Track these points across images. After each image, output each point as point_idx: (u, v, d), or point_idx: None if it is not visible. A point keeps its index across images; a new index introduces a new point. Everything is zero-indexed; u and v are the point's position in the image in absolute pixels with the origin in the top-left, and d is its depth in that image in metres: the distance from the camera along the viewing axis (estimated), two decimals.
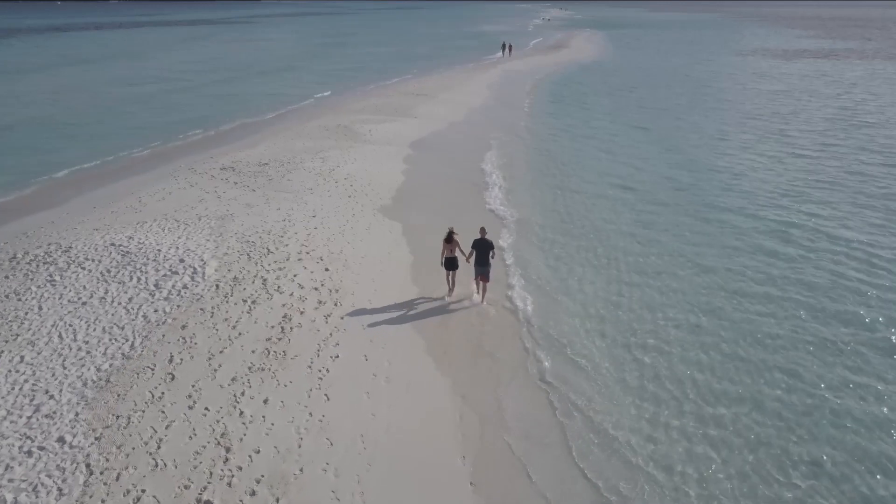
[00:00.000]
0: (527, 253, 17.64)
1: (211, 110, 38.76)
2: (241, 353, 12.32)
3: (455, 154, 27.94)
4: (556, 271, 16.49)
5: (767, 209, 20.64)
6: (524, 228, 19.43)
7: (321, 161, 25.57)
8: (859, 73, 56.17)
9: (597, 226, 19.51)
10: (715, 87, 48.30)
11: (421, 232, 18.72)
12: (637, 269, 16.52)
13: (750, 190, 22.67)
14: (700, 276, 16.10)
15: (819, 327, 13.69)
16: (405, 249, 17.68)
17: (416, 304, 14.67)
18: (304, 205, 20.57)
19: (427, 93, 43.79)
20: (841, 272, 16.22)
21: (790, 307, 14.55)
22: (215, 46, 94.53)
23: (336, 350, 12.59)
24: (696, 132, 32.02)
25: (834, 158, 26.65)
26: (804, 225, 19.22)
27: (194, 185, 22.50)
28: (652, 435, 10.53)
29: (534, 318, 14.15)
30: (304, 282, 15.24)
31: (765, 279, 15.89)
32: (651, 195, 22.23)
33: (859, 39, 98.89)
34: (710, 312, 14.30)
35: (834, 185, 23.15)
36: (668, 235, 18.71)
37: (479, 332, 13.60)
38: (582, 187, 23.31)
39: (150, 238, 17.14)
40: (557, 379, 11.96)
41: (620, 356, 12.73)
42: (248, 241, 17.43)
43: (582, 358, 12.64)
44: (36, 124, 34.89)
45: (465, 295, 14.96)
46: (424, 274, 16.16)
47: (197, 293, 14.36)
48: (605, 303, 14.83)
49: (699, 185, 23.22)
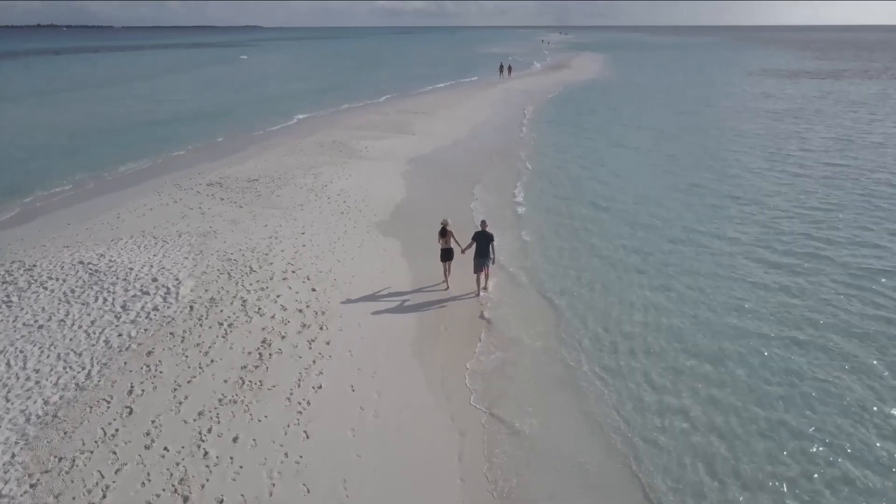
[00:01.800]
0: (529, 267, 16.28)
1: (202, 128, 37.59)
2: (212, 382, 10.92)
3: (453, 171, 26.64)
4: (558, 284, 15.12)
5: (778, 233, 19.29)
6: (526, 246, 18.09)
7: (314, 177, 24.35)
8: (865, 91, 55.27)
9: (594, 243, 17.99)
10: (717, 106, 47.13)
11: (417, 249, 17.41)
12: (637, 283, 15.17)
13: (756, 212, 21.35)
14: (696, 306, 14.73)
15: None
16: (400, 268, 16.34)
17: (410, 328, 13.29)
18: (293, 221, 19.29)
19: (426, 111, 42.79)
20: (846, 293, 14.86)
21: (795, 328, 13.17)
22: (213, 68, 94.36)
23: (319, 380, 11.19)
24: (696, 151, 30.54)
25: (842, 178, 25.17)
26: (808, 245, 17.89)
27: (178, 201, 21.24)
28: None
29: (539, 339, 12.78)
30: (288, 303, 13.88)
31: (776, 308, 14.52)
32: (649, 217, 20.43)
33: (862, 60, 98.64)
34: (705, 340, 12.92)
35: (841, 206, 21.83)
36: (664, 257, 17.31)
37: (481, 357, 12.21)
38: (582, 206, 21.86)
39: (124, 256, 15.82)
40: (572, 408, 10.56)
41: (634, 367, 11.33)
42: (229, 259, 16.10)
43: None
44: (21, 143, 33.67)
45: (468, 286, 15.07)
46: (420, 294, 14.82)
47: (168, 315, 12.98)
48: (616, 319, 13.45)
49: (698, 205, 21.56)
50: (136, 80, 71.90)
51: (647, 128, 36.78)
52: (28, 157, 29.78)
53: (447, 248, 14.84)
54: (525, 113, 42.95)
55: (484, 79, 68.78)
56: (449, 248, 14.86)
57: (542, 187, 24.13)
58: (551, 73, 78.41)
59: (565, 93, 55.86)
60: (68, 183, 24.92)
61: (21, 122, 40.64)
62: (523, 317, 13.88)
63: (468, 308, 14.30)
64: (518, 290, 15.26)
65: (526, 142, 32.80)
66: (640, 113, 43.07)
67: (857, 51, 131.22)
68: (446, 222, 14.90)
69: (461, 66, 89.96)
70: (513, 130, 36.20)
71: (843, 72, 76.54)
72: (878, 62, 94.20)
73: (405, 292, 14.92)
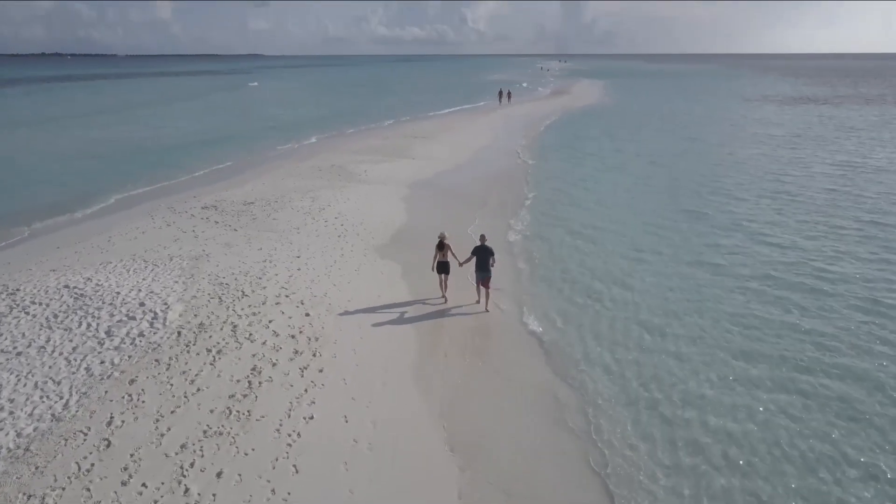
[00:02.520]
0: (532, 293, 15.72)
1: (204, 153, 37.26)
2: (197, 413, 10.30)
3: (452, 196, 26.17)
4: (553, 313, 14.55)
5: (781, 261, 18.78)
6: (528, 270, 17.55)
7: (311, 200, 23.93)
8: (865, 116, 55.24)
9: (591, 272, 17.27)
10: (716, 132, 46.82)
11: (415, 273, 16.89)
12: (632, 303, 14.59)
13: (760, 244, 20.86)
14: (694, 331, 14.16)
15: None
16: (398, 291, 15.78)
17: (409, 353, 12.69)
18: (288, 245, 18.79)
19: (426, 135, 42.64)
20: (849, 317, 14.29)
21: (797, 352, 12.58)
22: (224, 94, 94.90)
23: (311, 409, 10.56)
24: (695, 177, 29.88)
25: (845, 204, 24.65)
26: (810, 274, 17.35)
27: (171, 225, 20.77)
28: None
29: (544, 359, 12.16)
30: (280, 328, 13.31)
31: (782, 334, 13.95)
32: (649, 245, 19.71)
33: (860, 87, 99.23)
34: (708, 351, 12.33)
35: (842, 230, 21.34)
36: (660, 280, 16.76)
37: (483, 378, 11.59)
38: (583, 230, 21.30)
39: (111, 280, 15.28)
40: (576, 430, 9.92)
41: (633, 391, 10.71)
42: (221, 283, 15.57)
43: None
44: (16, 168, 33.32)
45: (466, 302, 15.11)
46: (418, 316, 14.25)
47: (154, 342, 12.40)
48: (615, 341, 12.85)
49: (698, 233, 20.78)
50: (146, 107, 71.51)
51: (646, 154, 36.31)
52: (21, 183, 29.36)
53: (444, 261, 14.95)
54: (525, 138, 42.75)
55: (484, 105, 68.99)
56: (446, 262, 14.96)
57: (540, 213, 23.45)
58: (551, 98, 78.74)
59: (565, 118, 55.82)
60: (60, 207, 24.38)
61: (20, 148, 40.38)
62: (516, 348, 13.24)
63: (467, 326, 13.83)
64: (511, 318, 14.67)
65: (525, 167, 32.37)
66: (639, 139, 42.74)
67: (853, 77, 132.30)
68: (444, 235, 15.06)
69: (461, 93, 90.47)
70: (512, 156, 35.85)
71: (841, 98, 76.82)
72: (875, 88, 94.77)
73: (403, 317, 14.34)
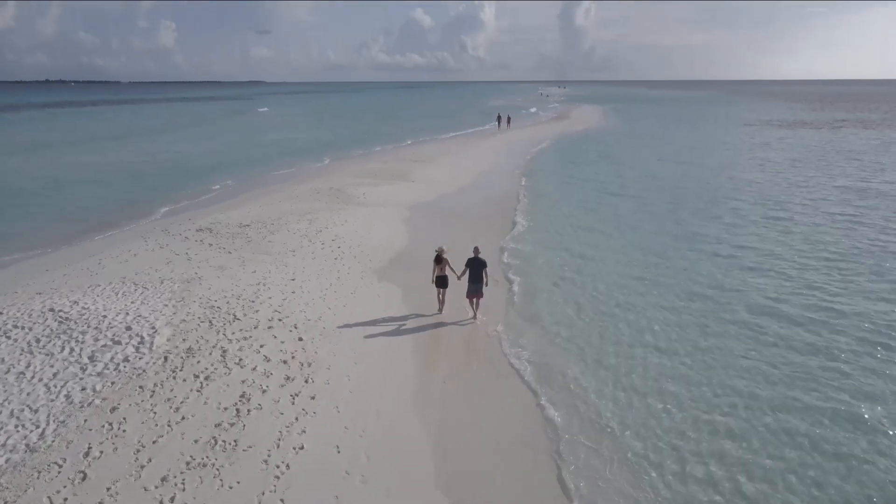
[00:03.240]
0: (527, 316, 15.22)
1: (197, 177, 36.99)
2: (180, 443, 9.73)
3: (451, 219, 25.68)
4: (548, 340, 14.03)
5: (784, 287, 18.28)
6: (522, 291, 17.06)
7: (308, 222, 23.52)
8: (866, 140, 55.16)
9: (589, 296, 16.74)
10: (717, 156, 46.55)
11: (413, 295, 16.42)
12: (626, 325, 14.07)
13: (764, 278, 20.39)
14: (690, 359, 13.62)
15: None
16: (394, 314, 15.26)
17: (405, 379, 12.15)
18: (283, 267, 18.33)
19: (425, 159, 42.45)
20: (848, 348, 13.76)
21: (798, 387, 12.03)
22: (217, 120, 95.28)
23: (301, 439, 9.99)
24: (696, 201, 29.33)
25: (849, 228, 24.14)
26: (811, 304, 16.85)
27: (164, 247, 20.32)
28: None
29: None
30: (272, 353, 12.77)
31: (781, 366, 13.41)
32: (645, 268, 19.29)
33: (859, 111, 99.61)
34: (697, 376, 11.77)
35: (851, 258, 20.87)
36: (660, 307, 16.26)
37: (482, 408, 11.03)
38: (580, 253, 20.80)
39: (98, 303, 14.78)
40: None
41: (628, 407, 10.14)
42: (212, 306, 15.06)
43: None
44: (12, 192, 33.01)
45: (463, 317, 15.11)
46: (415, 338, 13.73)
47: (139, 367, 11.86)
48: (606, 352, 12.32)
49: (698, 259, 20.11)
50: (157, 133, 70.90)
51: (645, 177, 35.86)
52: (13, 206, 28.99)
53: (442, 275, 15.01)
54: (525, 162, 42.56)
55: (483, 129, 69.07)
56: (444, 276, 15.02)
57: (539, 236, 22.99)
58: (551, 123, 78.92)
59: (564, 142, 55.76)
60: (52, 230, 23.96)
61: (16, 171, 40.17)
62: (514, 377, 12.71)
63: (465, 348, 13.39)
64: (510, 343, 14.15)
65: (524, 191, 31.96)
66: (639, 163, 42.38)
67: (852, 102, 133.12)
68: (442, 249, 15.09)
69: (462, 118, 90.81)
70: (512, 179, 35.46)
71: (841, 122, 76.98)
72: (874, 113, 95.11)
73: (399, 341, 13.82)
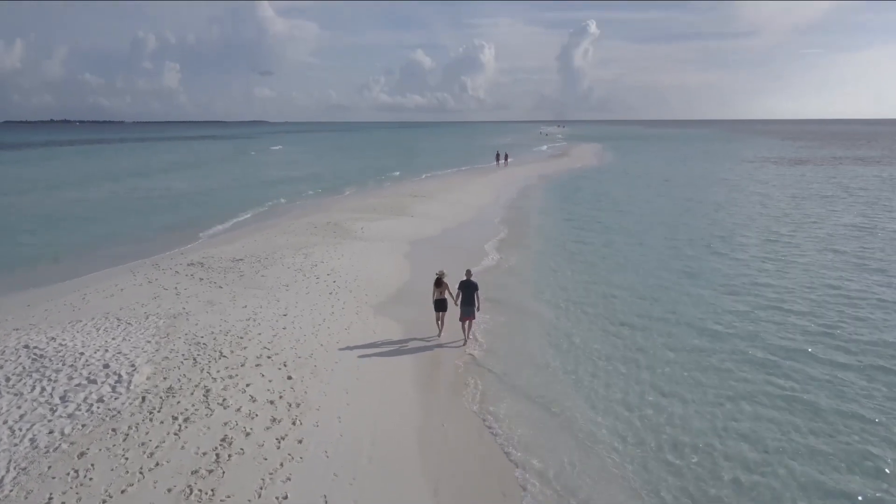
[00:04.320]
0: (528, 351, 14.41)
1: (196, 212, 36.53)
2: (151, 492, 8.84)
3: (450, 255, 24.90)
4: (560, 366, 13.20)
5: (791, 328, 17.47)
6: (535, 323, 16.28)
7: (303, 257, 22.86)
8: (868, 177, 54.85)
9: (586, 324, 16.25)
10: (719, 193, 45.78)
11: (409, 329, 15.66)
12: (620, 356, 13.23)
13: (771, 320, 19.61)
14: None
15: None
16: (389, 350, 14.46)
17: (399, 422, 11.29)
18: (275, 302, 17.58)
19: (425, 194, 42.04)
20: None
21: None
22: (219, 158, 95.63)
23: (285, 488, 9.11)
24: (698, 239, 28.31)
25: (860, 267, 23.37)
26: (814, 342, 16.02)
27: (152, 282, 19.61)
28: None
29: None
30: (258, 393, 11.93)
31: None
32: (643, 306, 18.52)
33: (856, 149, 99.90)
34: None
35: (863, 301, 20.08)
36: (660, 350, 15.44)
37: (486, 454, 10.15)
38: (579, 288, 20.09)
39: (77, 339, 13.99)
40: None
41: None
42: (198, 342, 14.27)
43: None
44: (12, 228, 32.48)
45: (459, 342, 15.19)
46: (412, 380, 12.89)
47: (114, 408, 11.02)
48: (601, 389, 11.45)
49: (703, 301, 18.99)
50: (168, 171, 69.35)
51: (646, 215, 34.83)
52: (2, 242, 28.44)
53: (441, 298, 15.26)
54: (524, 199, 42.07)
55: (482, 166, 68.94)
56: (443, 299, 15.27)
57: (538, 270, 22.33)
58: (551, 161, 79.00)
59: (564, 178, 55.49)
60: (37, 265, 23.28)
61: (11, 209, 39.74)
62: (523, 415, 11.90)
63: (464, 381, 12.41)
64: (513, 378, 13.35)
65: (524, 228, 31.28)
66: (640, 200, 41.51)
67: (850, 140, 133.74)
68: (442, 273, 15.40)
69: (462, 156, 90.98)
70: (511, 216, 34.78)
71: (840, 159, 76.94)
72: (873, 150, 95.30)
73: (394, 379, 12.99)
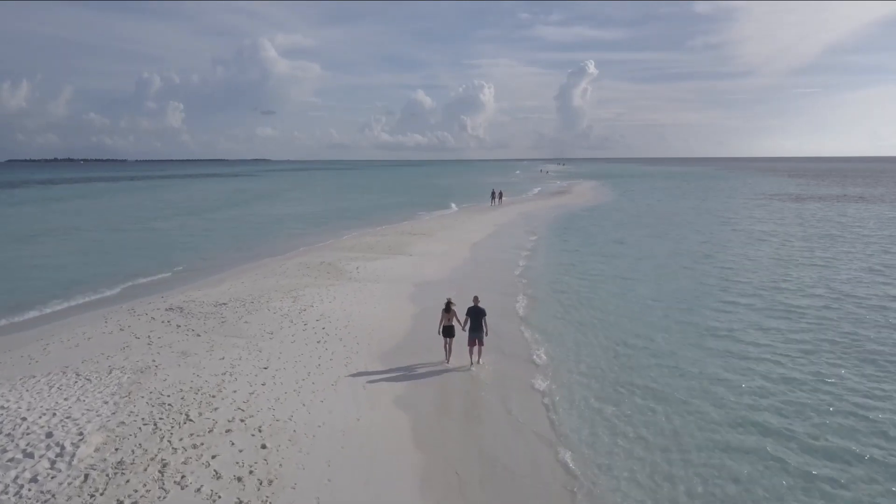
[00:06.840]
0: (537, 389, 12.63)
1: (184, 253, 34.90)
2: None
3: (449, 292, 23.34)
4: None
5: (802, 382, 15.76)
6: (525, 359, 14.53)
7: (292, 300, 21.21)
8: (876, 215, 53.48)
9: (591, 364, 14.49)
10: (726, 231, 44.26)
11: (404, 381, 13.92)
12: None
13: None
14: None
15: None
16: (382, 407, 12.71)
17: (399, 497, 9.48)
18: (256, 353, 15.87)
19: (423, 232, 40.58)
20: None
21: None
22: (218, 196, 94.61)
23: None
24: (706, 281, 26.42)
25: (870, 317, 21.61)
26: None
27: (124, 329, 17.92)
28: None
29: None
30: (225, 467, 10.14)
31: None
32: (664, 360, 16.78)
33: (859, 186, 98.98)
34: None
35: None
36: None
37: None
38: (581, 327, 18.51)
39: (23, 401, 12.25)
40: None
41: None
42: (163, 403, 12.53)
43: None
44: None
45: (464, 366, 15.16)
46: (406, 444, 11.10)
47: (47, 490, 9.23)
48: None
49: (711, 349, 17.18)
50: (177, 216, 69.68)
51: (650, 255, 32.61)
52: None
53: (449, 324, 15.35)
54: (523, 237, 40.45)
55: (478, 205, 67.54)
56: (451, 325, 15.35)
57: (541, 309, 20.75)
58: (551, 198, 77.89)
59: (566, 217, 53.91)
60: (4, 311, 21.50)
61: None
62: (537, 469, 10.11)
63: (466, 427, 10.58)
64: (525, 420, 11.58)
65: (524, 269, 29.30)
66: (643, 239, 39.40)
67: (850, 178, 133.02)
68: (451, 300, 15.63)
69: (461, 194, 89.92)
70: (511, 256, 32.80)
71: (842, 197, 75.70)
72: (876, 188, 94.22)
73: (384, 447, 11.18)
